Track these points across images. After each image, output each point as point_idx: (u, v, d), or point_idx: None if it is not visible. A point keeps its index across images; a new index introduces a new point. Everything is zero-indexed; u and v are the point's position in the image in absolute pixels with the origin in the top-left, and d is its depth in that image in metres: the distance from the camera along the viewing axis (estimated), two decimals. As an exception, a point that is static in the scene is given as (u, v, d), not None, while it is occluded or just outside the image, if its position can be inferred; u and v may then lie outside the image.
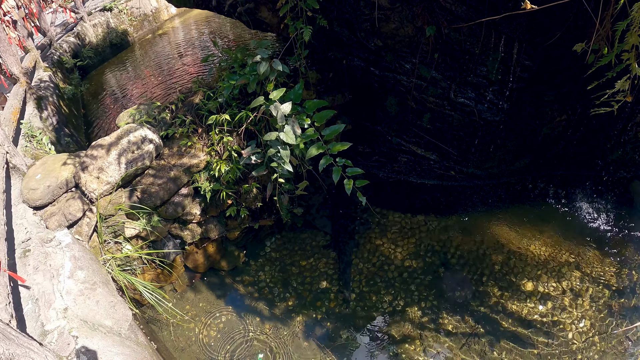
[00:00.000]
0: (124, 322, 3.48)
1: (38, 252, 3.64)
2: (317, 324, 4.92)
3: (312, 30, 4.50)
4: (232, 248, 5.67)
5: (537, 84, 5.12)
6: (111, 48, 12.58)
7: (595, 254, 5.39)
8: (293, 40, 4.89)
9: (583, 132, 5.63)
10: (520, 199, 6.14)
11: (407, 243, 5.69)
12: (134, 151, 4.39)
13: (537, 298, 5.03)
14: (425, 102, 5.55)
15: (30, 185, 4.34)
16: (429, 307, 4.99)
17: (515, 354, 4.53)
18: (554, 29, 4.45)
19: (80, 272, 3.61)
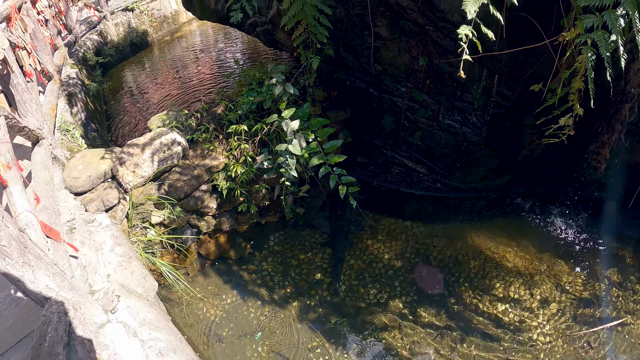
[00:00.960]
0: (151, 291, 4.23)
1: (83, 230, 4.37)
2: (310, 310, 5.52)
3: (319, 60, 5.28)
4: (240, 240, 6.37)
5: (516, 110, 5.77)
6: (131, 47, 13.05)
7: (565, 266, 5.82)
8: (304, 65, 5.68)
9: (562, 155, 6.19)
10: (499, 211, 6.66)
11: (394, 245, 6.28)
12: (164, 151, 5.15)
13: (508, 301, 5.47)
14: (417, 121, 6.29)
15: (72, 174, 5.08)
16: (409, 301, 5.53)
17: (482, 349, 5.01)
18: (529, 66, 5.18)
19: (118, 247, 4.35)
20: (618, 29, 3.03)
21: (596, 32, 3.14)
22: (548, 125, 4.26)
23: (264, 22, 6.56)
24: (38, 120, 5.20)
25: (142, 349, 3.26)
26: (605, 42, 3.11)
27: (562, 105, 3.79)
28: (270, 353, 5.13)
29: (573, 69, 3.54)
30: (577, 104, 3.61)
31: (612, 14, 3.07)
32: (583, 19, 3.19)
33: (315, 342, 5.18)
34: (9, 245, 2.54)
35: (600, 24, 3.13)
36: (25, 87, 5.18)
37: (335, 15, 5.73)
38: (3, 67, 4.61)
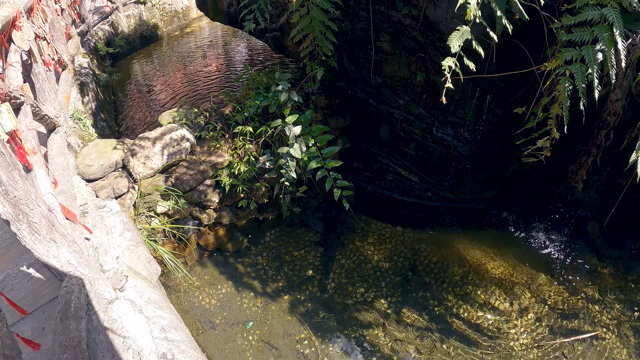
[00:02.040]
0: (155, 275, 4.56)
1: (95, 214, 4.70)
2: (300, 304, 5.82)
3: (323, 71, 5.64)
4: (238, 234, 6.68)
5: (506, 128, 6.11)
6: (141, 40, 13.29)
7: (546, 278, 6.09)
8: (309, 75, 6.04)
9: (549, 172, 6.46)
10: (485, 223, 6.96)
11: (383, 248, 6.56)
12: (174, 146, 5.49)
13: (488, 308, 5.74)
14: (412, 133, 6.64)
15: (86, 162, 5.42)
16: (394, 301, 5.82)
17: (460, 351, 5.29)
18: (518, 88, 5.53)
19: (127, 232, 4.69)
20: (594, 63, 3.38)
21: (574, 65, 3.49)
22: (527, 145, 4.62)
23: (274, 29, 6.89)
24: (55, 109, 5.51)
25: (147, 324, 3.60)
26: (581, 74, 3.46)
27: (541, 129, 4.14)
28: (260, 342, 5.42)
29: (552, 96, 3.90)
30: (554, 128, 3.96)
31: (591, 49, 3.41)
32: (564, 52, 3.55)
33: (303, 334, 5.49)
34: (39, 223, 2.87)
35: (579, 58, 3.48)
36: (45, 76, 5.50)
37: (341, 28, 6.07)
38: (28, 58, 4.92)
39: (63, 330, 2.30)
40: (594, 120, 4.91)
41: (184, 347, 3.62)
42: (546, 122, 4.02)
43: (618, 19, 3.25)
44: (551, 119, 3.98)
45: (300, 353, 5.29)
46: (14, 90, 3.85)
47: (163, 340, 3.52)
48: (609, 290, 5.97)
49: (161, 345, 3.46)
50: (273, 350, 5.32)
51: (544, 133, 4.13)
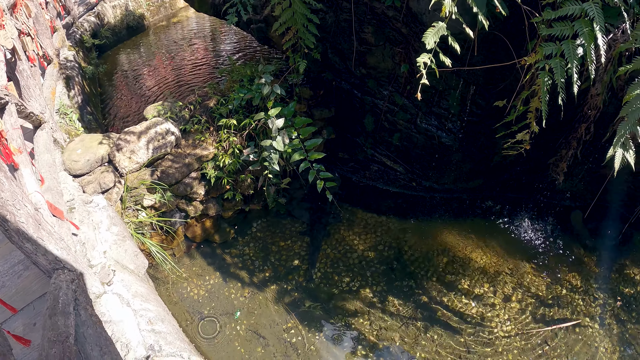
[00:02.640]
0: (142, 268, 4.63)
1: (82, 210, 4.74)
2: (286, 293, 5.93)
3: (306, 64, 5.69)
4: (225, 225, 6.74)
5: (490, 119, 6.22)
6: (127, 30, 13.09)
7: (529, 267, 6.20)
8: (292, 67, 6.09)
9: (533, 163, 6.54)
10: (470, 212, 7.06)
11: (369, 237, 6.66)
12: (159, 140, 5.52)
13: (472, 297, 5.86)
14: (396, 123, 6.71)
15: (72, 157, 5.43)
16: (379, 290, 5.93)
17: (444, 338, 5.43)
18: (501, 80, 5.60)
19: (114, 227, 4.74)
20: (574, 58, 3.45)
21: (554, 60, 3.56)
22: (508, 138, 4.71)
23: (258, 20, 6.90)
24: (41, 105, 5.52)
25: (134, 317, 3.67)
26: (561, 69, 3.53)
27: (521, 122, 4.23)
28: (248, 331, 5.53)
29: (532, 89, 3.98)
30: (533, 121, 4.05)
31: (571, 44, 3.48)
32: (544, 46, 3.62)
33: (290, 323, 5.60)
34: (26, 222, 2.92)
35: (559, 52, 3.55)
36: (30, 73, 5.49)
37: (325, 20, 6.10)
38: (12, 56, 4.91)
39: (52, 326, 2.37)
40: (576, 113, 5.01)
41: (170, 339, 3.70)
42: (526, 116, 4.10)
43: (599, 14, 3.31)
44: (531, 113, 4.06)
45: (287, 342, 5.40)
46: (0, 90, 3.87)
47: (150, 332, 3.60)
48: (593, 279, 6.10)
49: (148, 337, 3.54)
50: (261, 339, 5.43)
51: (523, 126, 4.21)
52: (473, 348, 5.38)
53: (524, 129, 4.23)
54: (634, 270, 6.21)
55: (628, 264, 6.29)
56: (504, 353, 5.32)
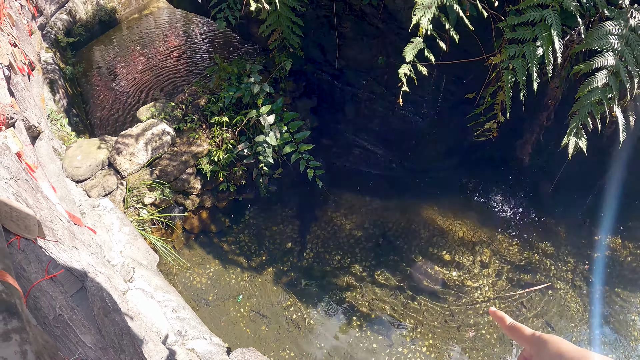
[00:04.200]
0: (154, 263, 5.04)
1: (92, 214, 5.09)
2: (283, 274, 6.38)
3: (292, 62, 6.09)
4: (220, 215, 7.11)
5: (462, 104, 6.69)
6: (100, 25, 12.98)
7: (504, 237, 6.77)
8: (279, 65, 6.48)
9: (505, 141, 6.87)
10: (447, 189, 7.56)
11: (355, 217, 7.13)
12: (156, 141, 5.87)
13: (453, 266, 6.42)
14: (375, 110, 7.16)
15: (73, 164, 5.73)
16: (368, 265, 6.44)
17: (430, 305, 5.98)
18: (471, 71, 6.04)
19: (125, 227, 5.11)
20: (534, 59, 3.93)
21: (516, 60, 4.05)
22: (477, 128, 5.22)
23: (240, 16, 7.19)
24: (37, 115, 5.74)
25: (160, 308, 4.10)
26: (522, 68, 4.02)
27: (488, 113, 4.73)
28: (251, 312, 5.98)
29: (498, 85, 4.47)
30: (499, 112, 4.55)
31: (531, 46, 3.96)
32: (508, 48, 4.09)
33: (289, 301, 6.08)
34: (62, 234, 3.29)
35: (521, 54, 4.03)
36: (23, 85, 5.70)
37: (306, 16, 6.45)
38: (9, 72, 5.13)
39: (111, 323, 2.77)
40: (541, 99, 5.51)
41: (193, 324, 4.15)
42: (493, 107, 4.60)
43: (556, 20, 3.79)
44: (497, 105, 4.56)
45: (288, 318, 5.89)
46: (9, 111, 4.15)
47: (176, 320, 4.04)
48: (562, 246, 6.70)
49: (175, 324, 3.98)
50: (264, 318, 5.90)
51: (491, 116, 4.71)
52: (456, 312, 5.94)
53: (492, 118, 4.73)
54: (600, 236, 6.81)
55: (594, 231, 6.88)
56: (484, 316, 5.88)
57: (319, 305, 6.07)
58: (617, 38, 3.69)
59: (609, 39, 3.76)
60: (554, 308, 5.98)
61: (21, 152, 3.91)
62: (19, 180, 2.75)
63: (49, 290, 2.02)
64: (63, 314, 1.97)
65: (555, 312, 5.95)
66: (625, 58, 3.65)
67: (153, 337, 3.19)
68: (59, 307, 1.99)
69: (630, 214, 7.04)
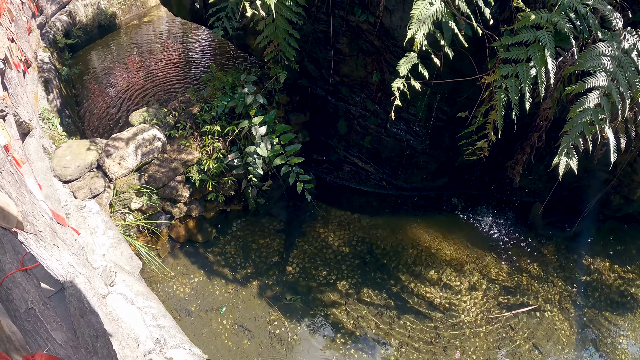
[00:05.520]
0: (136, 269, 4.96)
1: (77, 215, 5.01)
2: (268, 288, 6.30)
3: (287, 74, 6.11)
4: (207, 225, 7.05)
5: (454, 124, 6.72)
6: (99, 29, 13.03)
7: (493, 259, 6.78)
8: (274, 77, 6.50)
9: (495, 163, 7.03)
10: (436, 208, 7.61)
11: (343, 234, 7.09)
12: (147, 146, 5.82)
13: (440, 286, 6.39)
14: (367, 127, 7.17)
15: (62, 164, 5.68)
16: (354, 283, 6.38)
17: (416, 325, 5.92)
18: (464, 90, 6.10)
19: (110, 231, 5.04)
20: (527, 79, 3.95)
21: (509, 80, 4.07)
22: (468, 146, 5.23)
23: (237, 28, 7.22)
24: (29, 112, 5.71)
25: (140, 314, 4.02)
26: (515, 88, 4.04)
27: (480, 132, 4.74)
28: (233, 325, 5.89)
29: (491, 104, 4.49)
30: (491, 132, 4.56)
31: (525, 67, 3.99)
32: (501, 68, 4.12)
33: (273, 316, 5.99)
34: (44, 231, 3.23)
35: (514, 74, 4.06)
36: (17, 80, 5.68)
37: (302, 30, 6.48)
38: (4, 65, 5.11)
39: (87, 324, 2.70)
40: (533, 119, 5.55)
41: (173, 332, 4.07)
42: (485, 126, 4.61)
43: (550, 41, 3.83)
44: (489, 124, 4.57)
45: (271, 333, 5.80)
46: (0, 103, 4.12)
47: (155, 327, 3.96)
48: (551, 269, 6.71)
49: (154, 332, 3.89)
50: (246, 332, 5.81)
51: (483, 135, 4.72)
52: (443, 333, 5.89)
53: (484, 137, 4.74)
54: (589, 260, 6.85)
55: (583, 254, 6.92)
56: (471, 337, 5.86)
57: (303, 320, 6.00)
58: (609, 59, 3.73)
59: (601, 59, 3.80)
60: (542, 331, 5.97)
61: (9, 145, 3.86)
62: (2, 172, 2.70)
63: (23, 283, 1.97)
64: (35, 307, 1.92)
65: (543, 335, 5.92)
66: (617, 80, 3.68)
67: (130, 343, 3.12)
68: (32, 300, 1.94)
69: (619, 238, 7.09)
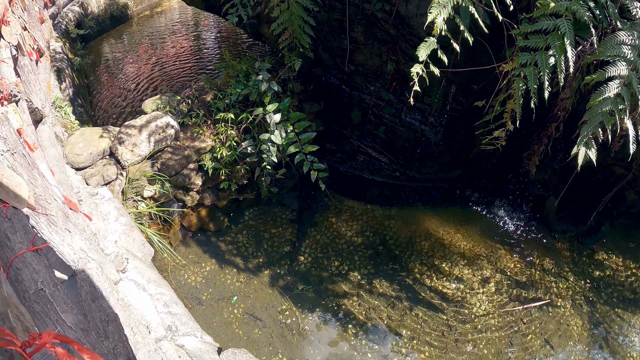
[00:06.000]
0: (148, 256, 4.95)
1: (89, 202, 5.01)
2: (280, 277, 6.28)
3: (301, 62, 6.04)
4: (219, 214, 7.03)
5: (469, 114, 6.64)
6: (111, 20, 13.04)
7: (505, 252, 6.68)
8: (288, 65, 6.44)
9: (510, 155, 6.94)
10: (450, 201, 7.52)
11: (356, 224, 7.03)
12: (159, 133, 5.80)
13: (452, 278, 6.32)
14: (382, 117, 7.09)
15: (74, 151, 5.67)
16: (366, 273, 6.33)
17: (428, 317, 5.87)
18: (481, 80, 6.00)
19: (122, 218, 5.03)
20: (546, 67, 3.86)
21: (528, 68, 3.97)
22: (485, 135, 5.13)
23: (251, 17, 7.16)
24: (41, 100, 5.70)
25: (152, 301, 4.00)
26: (534, 77, 3.94)
27: (498, 120, 4.64)
28: (245, 315, 5.88)
29: (508, 93, 4.39)
30: (509, 121, 4.47)
31: (544, 55, 3.89)
32: (520, 56, 4.02)
33: (284, 305, 5.97)
34: (56, 215, 3.21)
35: (533, 62, 3.95)
36: (30, 67, 5.67)
37: (317, 18, 6.39)
38: (17, 52, 5.09)
39: (98, 308, 2.68)
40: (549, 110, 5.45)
41: (185, 320, 4.05)
42: (502, 115, 4.52)
43: (569, 29, 3.72)
44: (507, 113, 4.48)
45: (282, 323, 5.78)
46: (13, 88, 4.10)
47: (167, 314, 3.94)
48: (564, 263, 6.61)
49: (166, 319, 3.88)
50: (257, 321, 5.79)
51: (500, 125, 4.63)
52: (454, 325, 5.84)
53: (501, 127, 4.65)
54: (602, 255, 6.74)
55: (596, 249, 6.82)
56: (482, 330, 5.79)
57: (314, 311, 5.96)
58: (630, 48, 3.62)
59: (622, 48, 3.69)
60: (554, 326, 5.90)
61: (21, 130, 3.85)
62: (15, 154, 2.68)
63: (33, 263, 1.94)
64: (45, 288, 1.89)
65: (554, 330, 5.86)
66: (638, 69, 3.57)
67: (142, 330, 3.10)
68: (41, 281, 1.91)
69: (633, 235, 6.97)
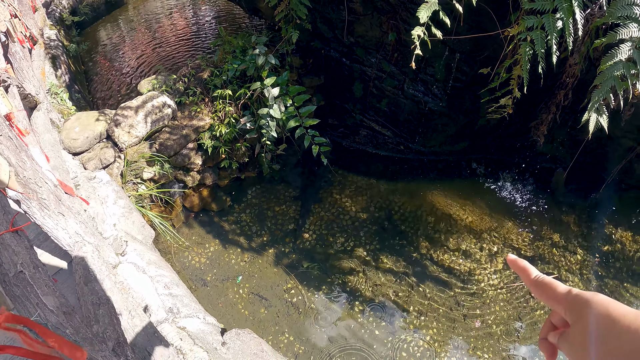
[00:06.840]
0: (149, 238, 4.86)
1: (87, 186, 4.92)
2: (284, 256, 6.20)
3: (298, 34, 5.86)
4: (221, 193, 6.95)
5: (474, 85, 6.45)
6: (106, 5, 12.80)
7: (513, 225, 6.54)
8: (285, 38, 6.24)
9: (515, 127, 6.81)
10: (456, 174, 7.36)
11: (360, 199, 6.92)
12: (156, 113, 5.67)
13: (460, 253, 6.21)
14: (384, 90, 6.92)
15: (70, 136, 5.56)
16: (372, 249, 6.24)
17: (436, 291, 5.79)
18: (485, 48, 5.81)
19: (120, 200, 4.94)
20: (553, 31, 3.68)
21: (535, 32, 3.80)
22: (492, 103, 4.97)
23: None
24: (35, 86, 5.60)
25: (152, 283, 3.93)
26: (541, 40, 3.77)
27: (504, 88, 4.48)
28: (250, 294, 5.82)
29: (515, 58, 4.22)
30: (515, 88, 4.30)
31: (551, 18, 3.71)
32: (526, 19, 3.84)
33: (290, 284, 5.90)
34: (47, 199, 3.11)
35: (540, 25, 3.78)
36: (22, 55, 5.55)
37: (314, -11, 6.22)
38: (6, 39, 4.97)
39: (90, 292, 2.60)
40: (556, 79, 5.27)
41: (186, 301, 3.98)
42: (509, 82, 4.35)
43: (578, -9, 3.53)
44: (513, 80, 4.31)
45: (288, 302, 5.71)
46: (2, 74, 3.98)
47: (168, 296, 3.87)
48: (572, 237, 6.47)
49: (167, 301, 3.81)
50: (263, 300, 5.73)
51: (506, 92, 4.46)
52: (462, 300, 5.75)
53: (507, 94, 4.48)
54: (611, 229, 6.59)
55: (605, 223, 6.66)
56: (491, 304, 5.70)
57: (320, 288, 5.89)
58: (641, 9, 3.43)
59: (633, 9, 3.50)
60: (561, 300, 5.75)
61: (11, 115, 3.74)
62: (0, 136, 2.56)
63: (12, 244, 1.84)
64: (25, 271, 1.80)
65: (561, 304, 5.71)
66: (650, 32, 3.39)
67: (140, 312, 3.02)
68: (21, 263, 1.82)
69: (642, 208, 6.81)
